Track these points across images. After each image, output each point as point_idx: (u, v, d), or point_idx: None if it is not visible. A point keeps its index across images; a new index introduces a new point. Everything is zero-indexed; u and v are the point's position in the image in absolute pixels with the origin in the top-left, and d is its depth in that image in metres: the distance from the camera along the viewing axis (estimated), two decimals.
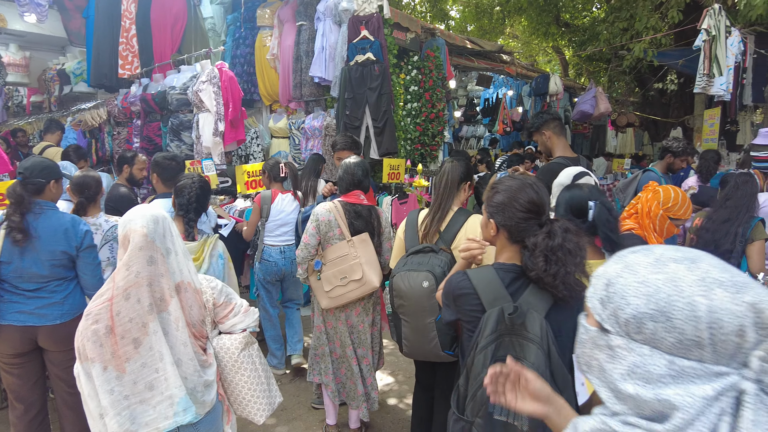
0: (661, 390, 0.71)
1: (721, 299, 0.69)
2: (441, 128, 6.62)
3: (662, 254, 0.77)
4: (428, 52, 6.57)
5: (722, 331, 0.68)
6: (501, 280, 1.56)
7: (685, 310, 0.70)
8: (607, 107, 8.21)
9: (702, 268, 0.72)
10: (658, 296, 0.72)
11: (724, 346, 0.69)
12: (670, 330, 0.71)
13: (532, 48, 17.84)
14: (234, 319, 2.00)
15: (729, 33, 5.43)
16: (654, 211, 2.44)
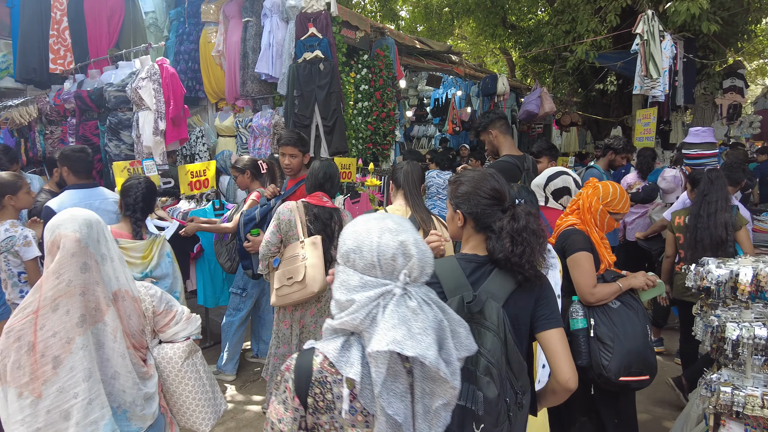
0: (352, 295, 1.15)
1: (386, 239, 1.16)
2: (392, 127, 6.64)
3: (373, 217, 1.24)
4: (378, 51, 6.56)
5: (385, 258, 1.15)
6: (462, 270, 1.61)
7: (369, 245, 1.16)
8: (552, 107, 8.48)
9: (384, 223, 1.20)
10: (358, 238, 1.18)
11: (387, 267, 1.15)
12: (361, 258, 1.16)
13: (480, 49, 18.21)
14: (176, 327, 1.90)
15: (663, 37, 5.72)
16: (594, 206, 2.50)
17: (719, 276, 2.14)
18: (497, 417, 1.38)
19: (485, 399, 1.36)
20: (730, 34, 8.93)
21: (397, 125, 6.81)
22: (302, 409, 1.16)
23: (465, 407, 1.39)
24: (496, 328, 1.46)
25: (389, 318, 1.09)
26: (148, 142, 4.53)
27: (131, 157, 4.77)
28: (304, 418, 1.17)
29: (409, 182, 2.58)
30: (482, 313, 1.49)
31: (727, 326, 2.01)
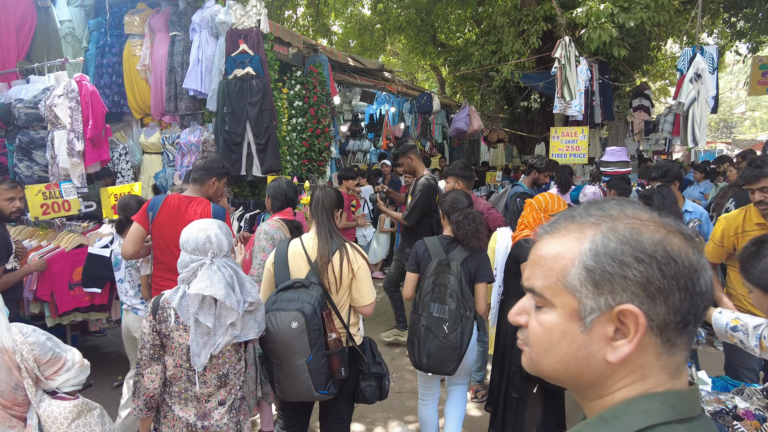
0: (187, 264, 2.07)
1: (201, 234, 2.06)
2: (327, 143, 6.63)
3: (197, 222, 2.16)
4: (311, 68, 6.56)
5: (199, 244, 2.03)
6: (441, 244, 2.94)
7: (194, 238, 2.04)
8: (480, 125, 8.84)
9: (200, 225, 2.11)
10: (188, 235, 2.06)
11: (201, 249, 2.03)
12: (189, 245, 2.03)
13: (411, 66, 18.67)
14: (66, 375, 1.74)
15: (578, 61, 6.15)
16: (536, 217, 2.89)
17: None
18: (455, 320, 2.73)
19: (449, 310, 2.74)
20: (636, 59, 9.76)
21: (332, 141, 6.81)
22: (154, 322, 2.05)
23: (439, 317, 2.75)
24: (456, 275, 2.78)
25: (200, 276, 1.99)
26: (65, 163, 4.24)
27: (45, 179, 4.44)
28: (154, 326, 2.05)
29: (318, 210, 2.57)
30: (449, 266, 2.80)
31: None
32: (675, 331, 0.65)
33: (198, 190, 3.26)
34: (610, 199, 0.72)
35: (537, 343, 0.72)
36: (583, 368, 0.69)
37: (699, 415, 0.66)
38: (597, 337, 0.67)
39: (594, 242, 0.67)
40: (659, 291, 0.64)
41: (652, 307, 0.64)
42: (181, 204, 3.17)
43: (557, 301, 0.69)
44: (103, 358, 4.81)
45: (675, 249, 0.65)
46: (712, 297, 0.67)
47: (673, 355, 0.67)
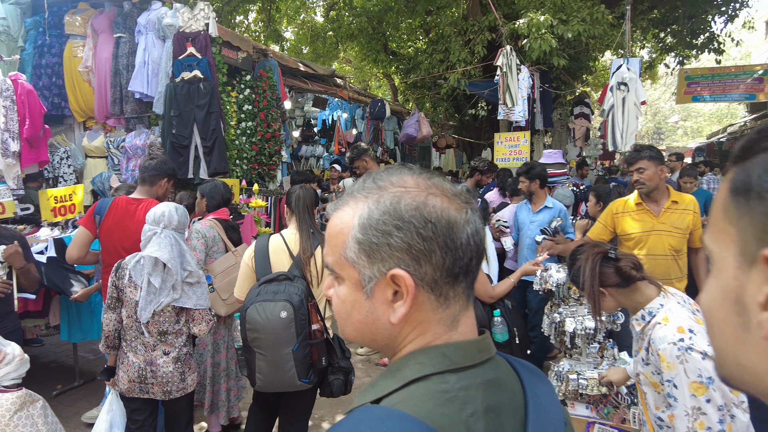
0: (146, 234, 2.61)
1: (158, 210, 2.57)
2: (278, 148, 6.65)
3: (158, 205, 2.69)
4: (261, 72, 6.57)
5: (155, 218, 2.53)
6: None
7: (152, 214, 2.58)
8: (429, 131, 9.07)
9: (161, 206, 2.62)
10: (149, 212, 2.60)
11: (156, 222, 2.52)
12: (149, 219, 2.57)
13: (364, 73, 18.85)
14: (6, 368, 1.75)
15: (520, 69, 6.46)
16: None
17: (558, 279, 2.51)
18: None
19: None
20: (577, 69, 10.29)
21: (283, 145, 6.83)
22: (114, 278, 2.54)
23: None
24: None
25: (152, 242, 2.49)
26: None
27: None
28: (114, 282, 2.54)
29: (300, 207, 2.68)
30: None
31: (566, 321, 2.36)
32: (446, 285, 0.71)
33: (147, 191, 3.23)
34: (387, 169, 0.77)
35: (338, 314, 0.78)
36: (374, 331, 0.74)
37: (482, 362, 0.71)
38: (379, 302, 0.72)
39: (361, 216, 0.72)
40: (421, 253, 0.69)
41: (417, 268, 0.69)
42: (130, 206, 3.14)
43: (344, 274, 0.74)
44: (42, 368, 4.62)
45: (432, 211, 0.69)
46: (481, 247, 0.73)
47: (448, 308, 0.72)
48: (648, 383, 1.63)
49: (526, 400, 0.73)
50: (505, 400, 0.70)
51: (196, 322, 2.59)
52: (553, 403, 0.77)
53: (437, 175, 0.78)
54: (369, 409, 0.67)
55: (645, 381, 1.64)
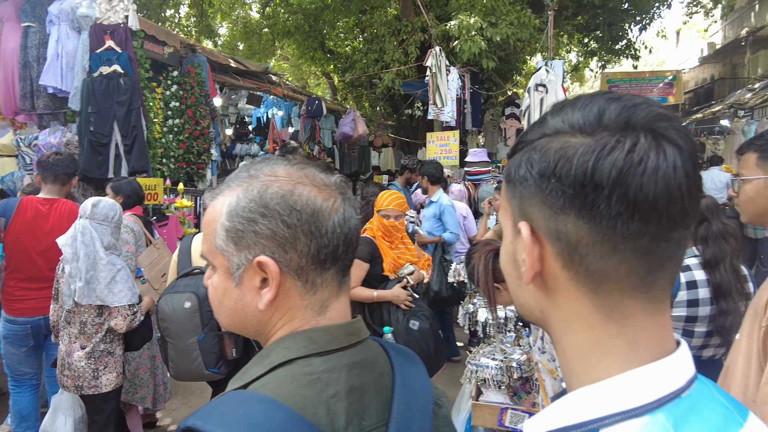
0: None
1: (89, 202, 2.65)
2: (207, 146, 6.47)
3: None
4: (189, 68, 6.37)
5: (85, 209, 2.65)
6: None
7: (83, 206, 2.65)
8: (365, 130, 9.12)
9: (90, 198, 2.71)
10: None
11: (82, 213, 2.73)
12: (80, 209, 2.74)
13: (303, 72, 18.65)
14: None
15: (449, 71, 6.64)
16: (374, 217, 3.14)
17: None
18: None
19: None
20: (507, 71, 10.69)
21: (213, 143, 6.65)
22: (58, 271, 2.68)
23: None
24: None
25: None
26: None
27: None
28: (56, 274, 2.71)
29: None
30: None
31: (479, 312, 2.47)
32: (313, 272, 0.73)
33: (59, 191, 3.08)
34: (263, 160, 0.79)
35: (212, 301, 0.79)
36: (244, 318, 0.76)
37: (350, 345, 0.74)
38: (248, 289, 0.73)
39: (230, 204, 0.73)
40: (286, 240, 0.70)
41: (283, 254, 0.71)
42: (42, 207, 2.96)
43: (215, 262, 0.76)
44: None
45: (298, 199, 0.71)
46: (351, 235, 0.76)
47: (316, 293, 0.74)
48: (545, 370, 1.74)
49: (394, 381, 0.76)
50: (370, 381, 0.73)
51: (112, 315, 2.63)
52: (423, 384, 0.80)
53: (313, 166, 0.80)
54: (232, 393, 0.69)
55: (543, 368, 1.75)
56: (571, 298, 0.54)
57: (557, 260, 0.53)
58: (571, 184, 0.49)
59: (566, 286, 0.54)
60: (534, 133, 0.56)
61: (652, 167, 0.48)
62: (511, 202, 0.58)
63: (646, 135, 0.49)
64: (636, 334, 0.52)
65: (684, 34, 24.89)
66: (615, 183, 0.47)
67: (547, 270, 0.54)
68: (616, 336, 0.53)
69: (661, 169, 0.48)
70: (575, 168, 0.49)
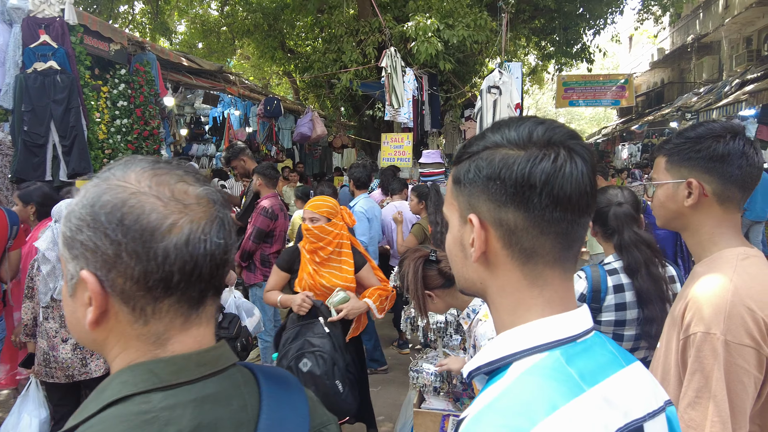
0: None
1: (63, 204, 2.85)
2: (157, 146, 6.26)
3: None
4: (138, 66, 6.15)
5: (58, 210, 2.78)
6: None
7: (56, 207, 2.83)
8: (324, 130, 9.02)
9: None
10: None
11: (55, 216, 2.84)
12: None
13: (264, 71, 18.34)
14: None
15: (405, 71, 6.62)
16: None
17: None
18: None
19: None
20: (465, 73, 10.78)
21: (163, 144, 6.43)
22: (32, 270, 2.79)
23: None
24: None
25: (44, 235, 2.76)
26: None
27: None
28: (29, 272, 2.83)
29: None
30: None
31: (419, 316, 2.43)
32: (143, 299, 0.63)
33: None
34: (125, 161, 0.70)
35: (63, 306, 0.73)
36: (81, 333, 0.69)
37: (202, 377, 0.65)
38: (80, 302, 0.66)
39: (69, 206, 0.67)
40: (108, 257, 0.62)
41: (106, 273, 0.62)
42: None
43: (63, 266, 0.69)
44: None
45: (129, 212, 0.62)
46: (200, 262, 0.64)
47: (147, 324, 0.64)
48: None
49: (260, 415, 0.68)
50: (225, 417, 0.65)
51: None
52: (298, 415, 0.73)
53: (187, 172, 0.70)
54: None
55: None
56: (507, 270, 0.70)
57: (498, 242, 0.69)
58: (512, 185, 0.66)
59: (504, 261, 0.69)
60: (477, 146, 0.71)
61: (569, 172, 0.65)
62: (459, 199, 0.73)
63: (564, 149, 0.66)
64: (551, 296, 0.69)
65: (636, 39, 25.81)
66: (544, 184, 0.64)
67: (490, 250, 0.70)
68: (536, 297, 0.69)
69: (574, 173, 0.65)
70: (515, 173, 0.65)
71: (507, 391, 0.62)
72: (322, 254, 2.69)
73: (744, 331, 1.08)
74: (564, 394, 0.60)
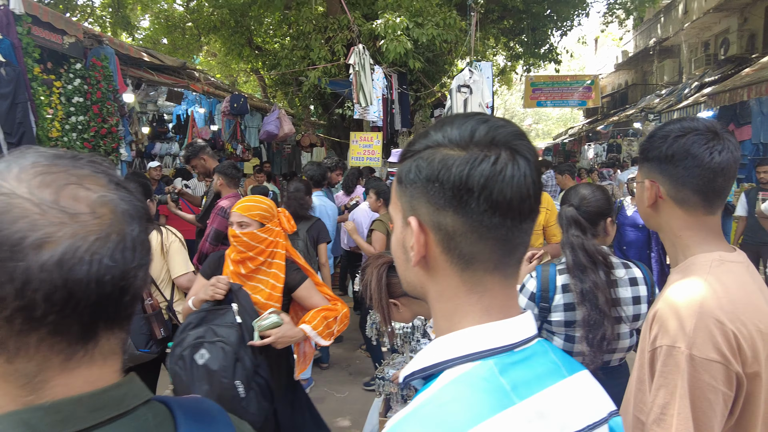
0: None
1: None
2: (116, 145, 6.01)
3: None
4: (94, 61, 5.89)
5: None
6: None
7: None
8: (291, 128, 8.85)
9: None
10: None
11: None
12: None
13: (232, 68, 17.98)
14: None
15: (374, 69, 6.54)
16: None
17: None
18: None
19: None
20: (435, 72, 10.76)
21: (122, 143, 6.17)
22: None
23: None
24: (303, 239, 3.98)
25: None
26: None
27: None
28: None
29: None
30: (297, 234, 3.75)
31: None
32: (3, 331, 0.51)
33: None
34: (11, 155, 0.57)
35: None
36: None
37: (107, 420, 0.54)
38: None
39: None
40: None
41: None
42: None
43: None
44: None
45: None
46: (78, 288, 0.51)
47: (13, 362, 0.52)
48: None
49: None
50: None
51: None
52: None
53: (97, 171, 0.57)
54: None
55: None
56: (446, 276, 0.67)
57: (437, 246, 0.66)
58: (450, 187, 0.62)
59: (443, 267, 0.67)
60: (419, 144, 0.67)
61: (509, 176, 0.61)
62: (402, 199, 0.70)
63: (506, 151, 0.62)
64: (489, 302, 0.67)
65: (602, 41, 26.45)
66: (482, 187, 0.61)
67: (430, 254, 0.67)
68: (474, 303, 0.66)
69: (515, 177, 0.61)
70: (453, 175, 0.62)
71: (431, 400, 0.60)
72: (250, 265, 2.25)
73: (711, 345, 1.01)
74: (491, 406, 0.58)
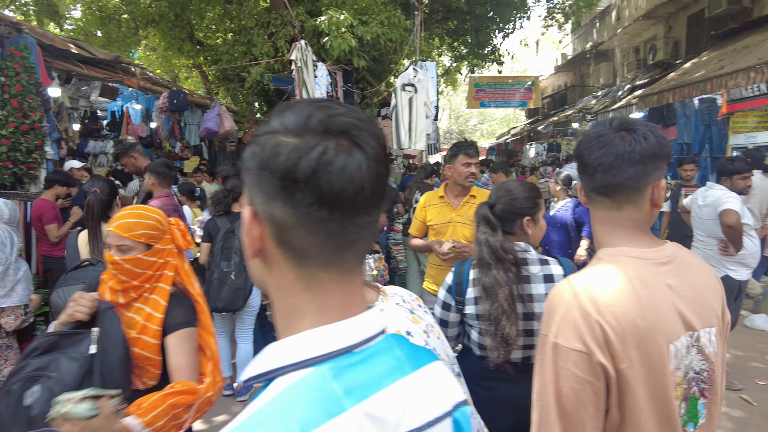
0: None
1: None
2: (39, 142, 5.64)
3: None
4: (13, 51, 5.50)
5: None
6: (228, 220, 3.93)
7: None
8: (232, 125, 8.61)
9: None
10: None
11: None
12: None
13: (173, 64, 17.28)
14: None
15: (317, 66, 6.46)
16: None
17: None
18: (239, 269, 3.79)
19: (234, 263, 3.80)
20: (381, 71, 10.79)
21: (47, 140, 5.80)
22: None
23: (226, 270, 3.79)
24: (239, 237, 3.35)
25: None
26: None
27: None
28: None
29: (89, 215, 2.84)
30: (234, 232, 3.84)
31: None
32: None
33: None
34: None
35: None
36: None
37: None
38: None
39: None
40: None
41: None
42: None
43: None
44: None
45: None
46: None
47: None
48: None
49: None
50: None
51: (5, 314, 3.01)
52: None
53: None
54: None
55: None
56: (281, 271, 0.64)
57: (271, 239, 0.63)
58: (279, 177, 0.59)
59: (278, 261, 0.64)
60: (261, 129, 0.64)
61: (340, 167, 0.58)
62: (244, 188, 0.67)
63: (342, 139, 0.60)
64: (325, 302, 0.63)
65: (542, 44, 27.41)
66: (309, 178, 0.58)
67: (266, 247, 0.64)
68: (309, 302, 0.63)
69: (347, 168, 0.58)
70: (281, 164, 0.59)
71: (259, 412, 0.57)
72: (132, 294, 1.74)
73: (575, 334, 1.03)
74: (318, 416, 0.55)
